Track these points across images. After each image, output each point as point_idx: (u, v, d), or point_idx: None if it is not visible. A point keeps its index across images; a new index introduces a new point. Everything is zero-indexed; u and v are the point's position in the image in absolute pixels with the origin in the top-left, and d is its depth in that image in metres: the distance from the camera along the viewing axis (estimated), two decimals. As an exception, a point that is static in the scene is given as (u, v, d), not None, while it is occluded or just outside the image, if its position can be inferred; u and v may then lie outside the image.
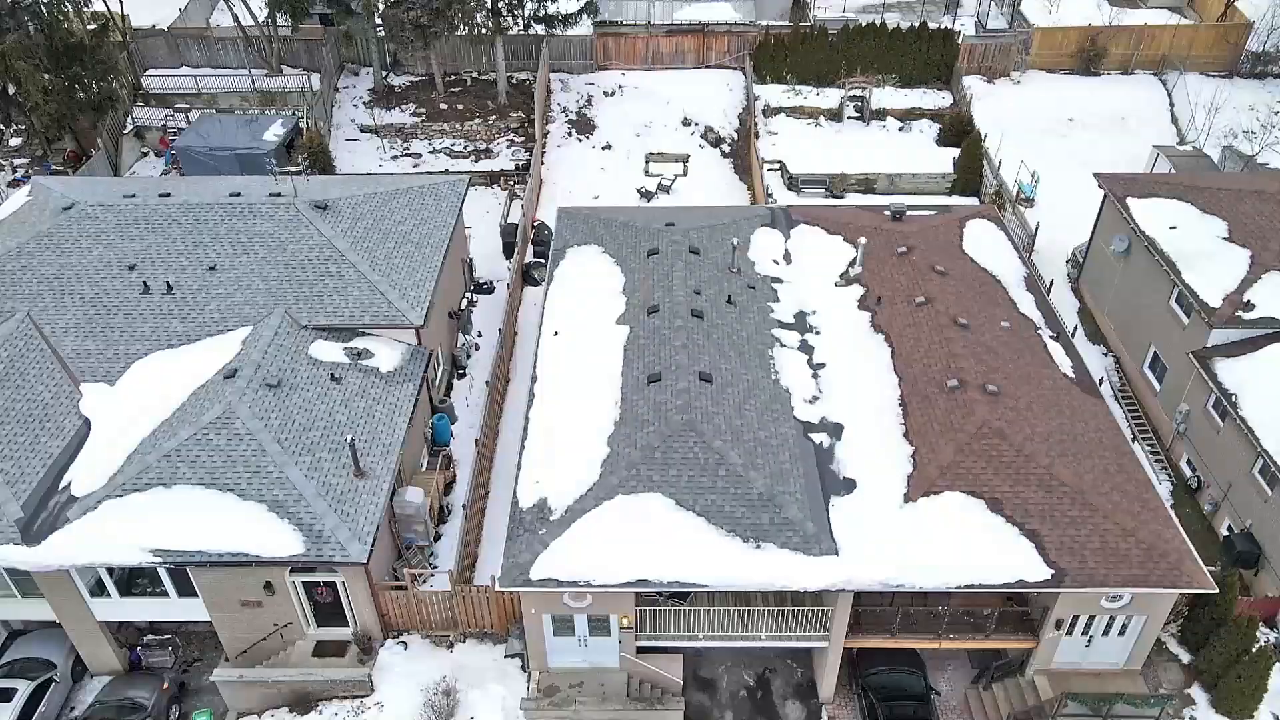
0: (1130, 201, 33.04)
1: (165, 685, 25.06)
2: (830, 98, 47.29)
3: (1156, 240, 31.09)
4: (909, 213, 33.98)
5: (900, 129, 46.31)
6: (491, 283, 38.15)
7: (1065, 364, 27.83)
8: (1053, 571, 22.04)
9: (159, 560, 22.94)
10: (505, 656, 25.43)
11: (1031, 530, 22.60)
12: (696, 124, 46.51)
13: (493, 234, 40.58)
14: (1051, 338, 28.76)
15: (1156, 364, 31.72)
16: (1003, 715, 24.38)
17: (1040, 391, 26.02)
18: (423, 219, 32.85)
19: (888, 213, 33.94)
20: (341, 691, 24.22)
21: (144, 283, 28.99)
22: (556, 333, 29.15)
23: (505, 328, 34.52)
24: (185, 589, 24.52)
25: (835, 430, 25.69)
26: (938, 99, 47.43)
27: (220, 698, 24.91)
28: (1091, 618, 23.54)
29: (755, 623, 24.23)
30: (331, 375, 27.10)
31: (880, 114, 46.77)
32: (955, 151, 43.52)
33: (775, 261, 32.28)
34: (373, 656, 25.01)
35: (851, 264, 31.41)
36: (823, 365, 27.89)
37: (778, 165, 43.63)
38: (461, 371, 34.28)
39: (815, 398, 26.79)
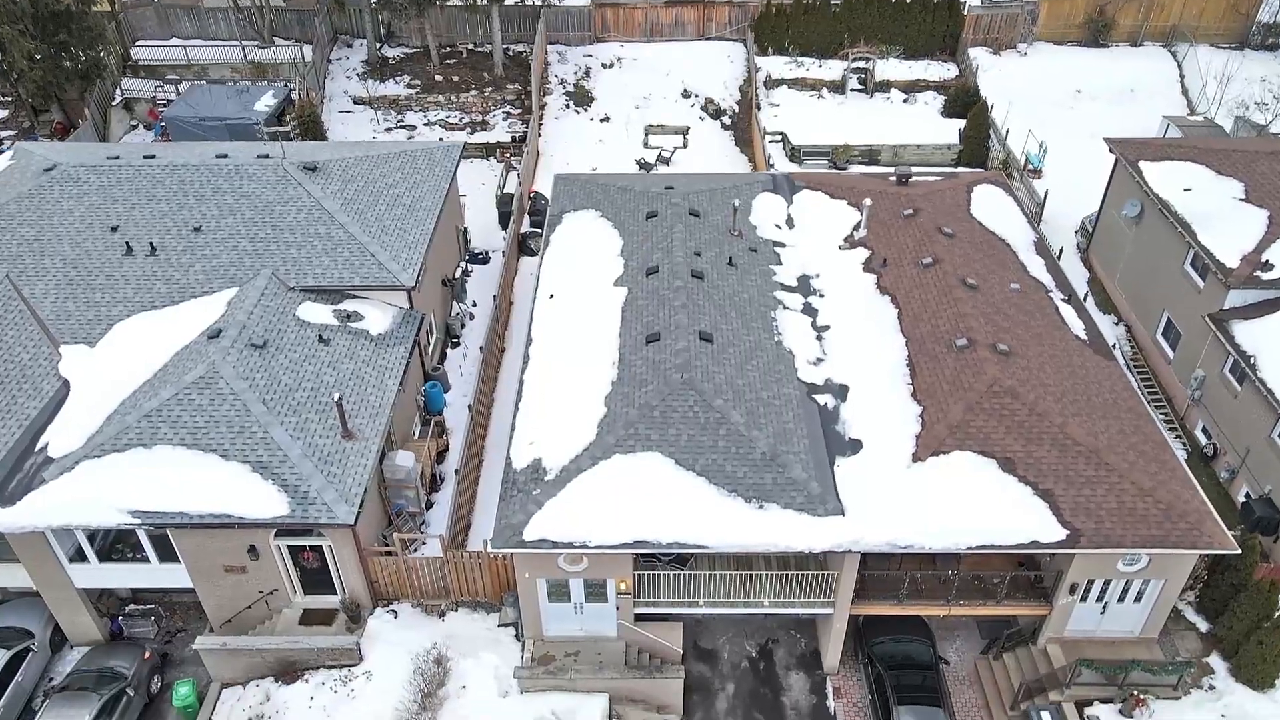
0: (1143, 165, 32.14)
1: (147, 655, 24.20)
2: (833, 69, 46.38)
3: (1171, 203, 30.19)
4: (914, 178, 33.13)
5: (904, 101, 45.41)
6: (487, 253, 37.25)
7: (1077, 326, 26.94)
8: (1068, 532, 21.16)
9: (137, 522, 22.06)
10: (499, 625, 24.55)
11: (1045, 490, 21.72)
12: (696, 96, 45.60)
13: (488, 206, 39.67)
14: (1063, 300, 27.88)
15: (1170, 331, 30.84)
16: (1014, 685, 23.51)
17: (1053, 352, 25.14)
18: (415, 183, 31.96)
19: (893, 178, 33.11)
20: (329, 660, 23.33)
21: (127, 244, 28.13)
22: (552, 295, 28.27)
23: (501, 297, 33.63)
24: (166, 554, 23.66)
25: (840, 391, 24.82)
26: (942, 71, 46.50)
27: (203, 668, 24.04)
28: (1107, 583, 22.67)
29: (758, 588, 23.34)
30: (319, 336, 26.21)
31: (884, 86, 45.86)
32: (961, 123, 42.64)
33: (777, 226, 31.42)
34: (361, 625, 24.14)
35: (856, 227, 30.55)
36: (827, 327, 27.02)
37: (779, 136, 42.70)
38: (456, 341, 33.39)
39: (819, 359, 25.91)
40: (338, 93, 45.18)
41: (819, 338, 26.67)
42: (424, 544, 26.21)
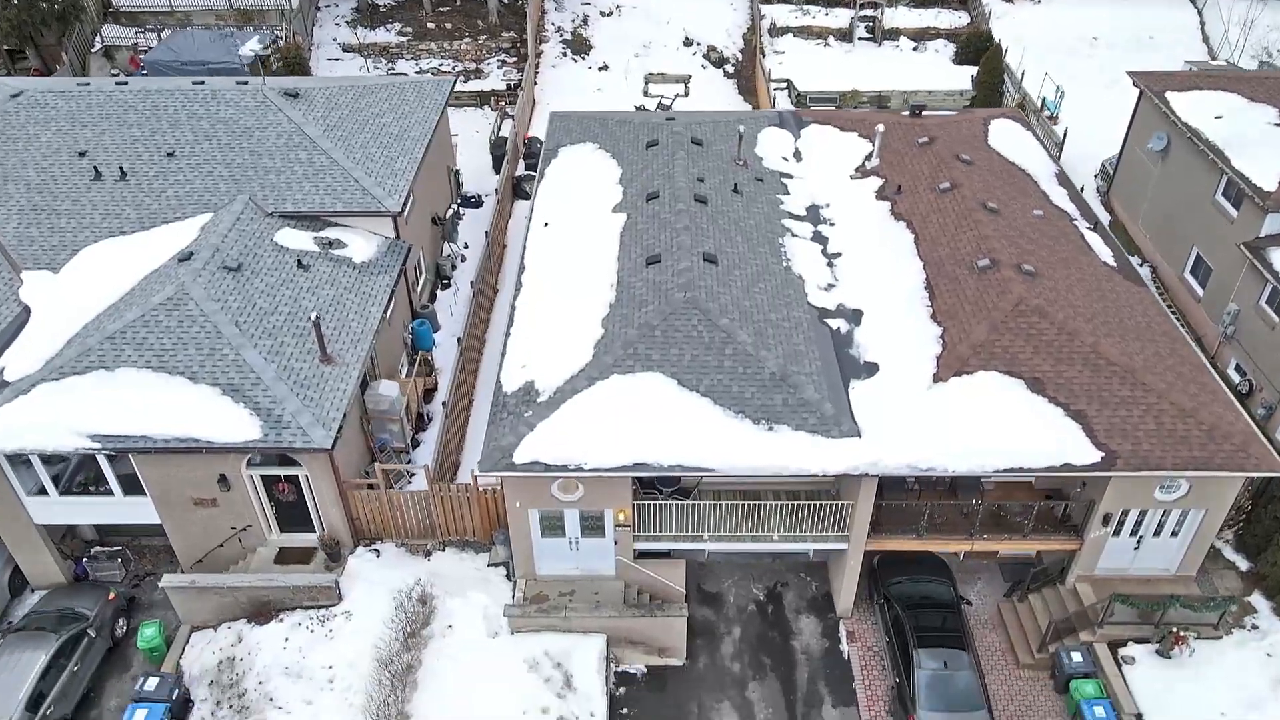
0: (1170, 95, 30.50)
1: (111, 595, 22.55)
2: (840, 17, 44.73)
3: (1201, 130, 28.55)
4: (927, 113, 31.53)
5: (915, 49, 43.78)
6: (480, 196, 35.63)
7: (1105, 254, 25.33)
8: (1102, 454, 19.55)
9: (97, 446, 20.45)
10: (489, 565, 22.94)
11: (1078, 412, 20.11)
12: (699, 44, 43.98)
13: (482, 152, 38.03)
14: (1088, 229, 26.27)
15: (1199, 267, 29.21)
16: (1040, 627, 21.89)
17: (1080, 275, 23.52)
18: (403, 114, 30.31)
19: (905, 112, 31.50)
20: (306, 599, 21.68)
21: (95, 169, 26.53)
22: (547, 224, 26.65)
23: (493, 237, 31.98)
24: (132, 487, 22.02)
25: (854, 316, 23.22)
26: (953, 18, 44.89)
27: (173, 613, 22.40)
28: (1143, 514, 21.07)
29: (767, 521, 21.71)
30: (299, 262, 24.60)
31: (893, 34, 44.23)
32: (973, 70, 41.00)
33: (784, 158, 29.82)
34: (341, 564, 22.52)
35: (868, 157, 28.93)
36: (839, 254, 25.42)
37: (785, 84, 41.02)
38: (446, 281, 31.77)
39: (831, 285, 24.31)
40: (326, 40, 43.55)
41: (830, 264, 25.08)
42: (409, 480, 24.61)
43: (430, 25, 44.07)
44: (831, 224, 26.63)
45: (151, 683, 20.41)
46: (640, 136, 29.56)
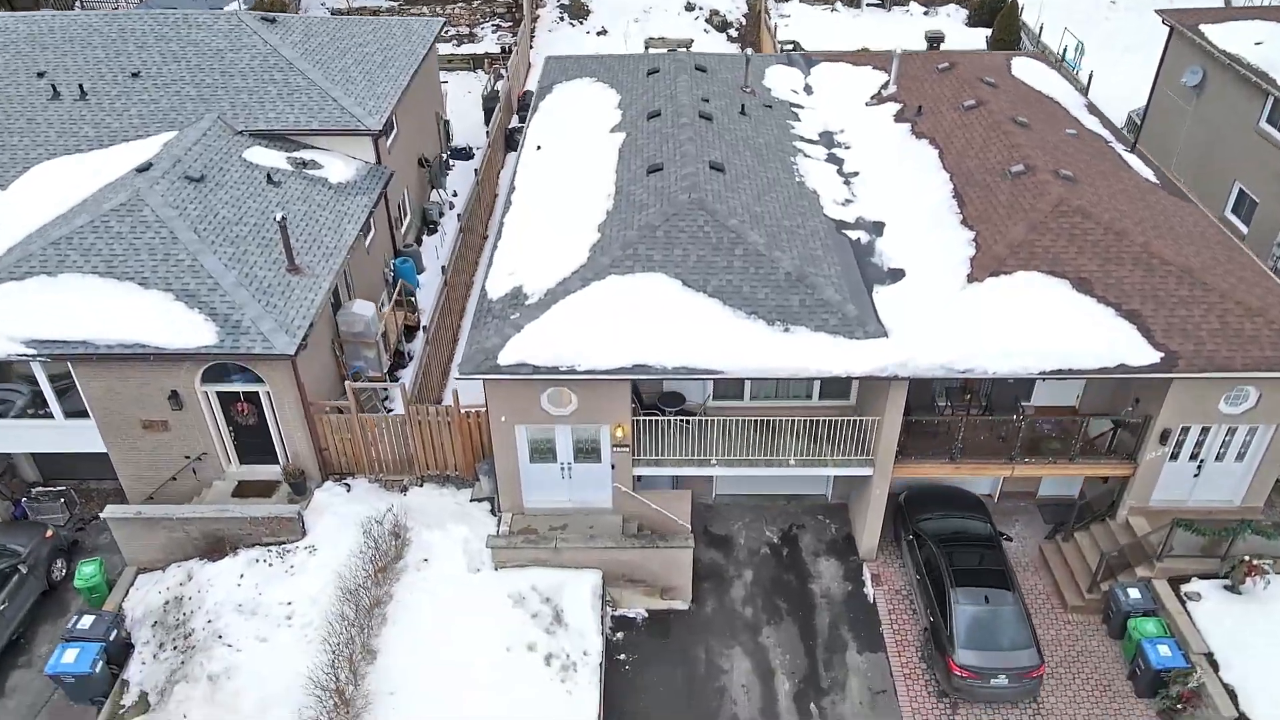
0: (1204, 27, 28.69)
1: (49, 533, 20.19)
2: (847, -16, 43.23)
3: (1242, 56, 26.68)
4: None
5: (925, 13, 42.18)
6: (470, 148, 33.74)
7: (1146, 173, 23.32)
8: (1162, 354, 17.33)
9: (32, 353, 18.26)
10: (471, 501, 20.60)
11: (1131, 311, 17.92)
12: (700, 8, 42.40)
13: (475, 109, 36.31)
14: (1126, 150, 24.28)
15: (1242, 203, 27.17)
16: (1090, 565, 19.48)
17: (1124, 186, 21.45)
18: (388, 46, 28.46)
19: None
20: (266, 534, 19.30)
21: (53, 87, 24.63)
22: (540, 147, 24.65)
23: (483, 184, 30.02)
24: (74, 408, 19.80)
25: (875, 227, 21.14)
26: (965, -15, 43.34)
27: (119, 557, 20.01)
28: (1204, 434, 18.77)
29: (782, 443, 19.41)
30: (268, 177, 22.56)
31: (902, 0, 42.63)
32: (987, 31, 39.34)
33: (794, 91, 27.89)
34: (307, 497, 20.20)
35: (884, 85, 27.01)
36: (855, 174, 23.40)
37: (792, 45, 39.33)
38: (433, 226, 29.72)
39: (849, 200, 22.25)
40: (314, 4, 41.94)
41: (847, 182, 23.04)
42: (385, 402, 22.36)
43: (424, 9, 42.51)
44: (847, 147, 24.66)
45: (86, 620, 18.00)
46: (640, 67, 27.71)
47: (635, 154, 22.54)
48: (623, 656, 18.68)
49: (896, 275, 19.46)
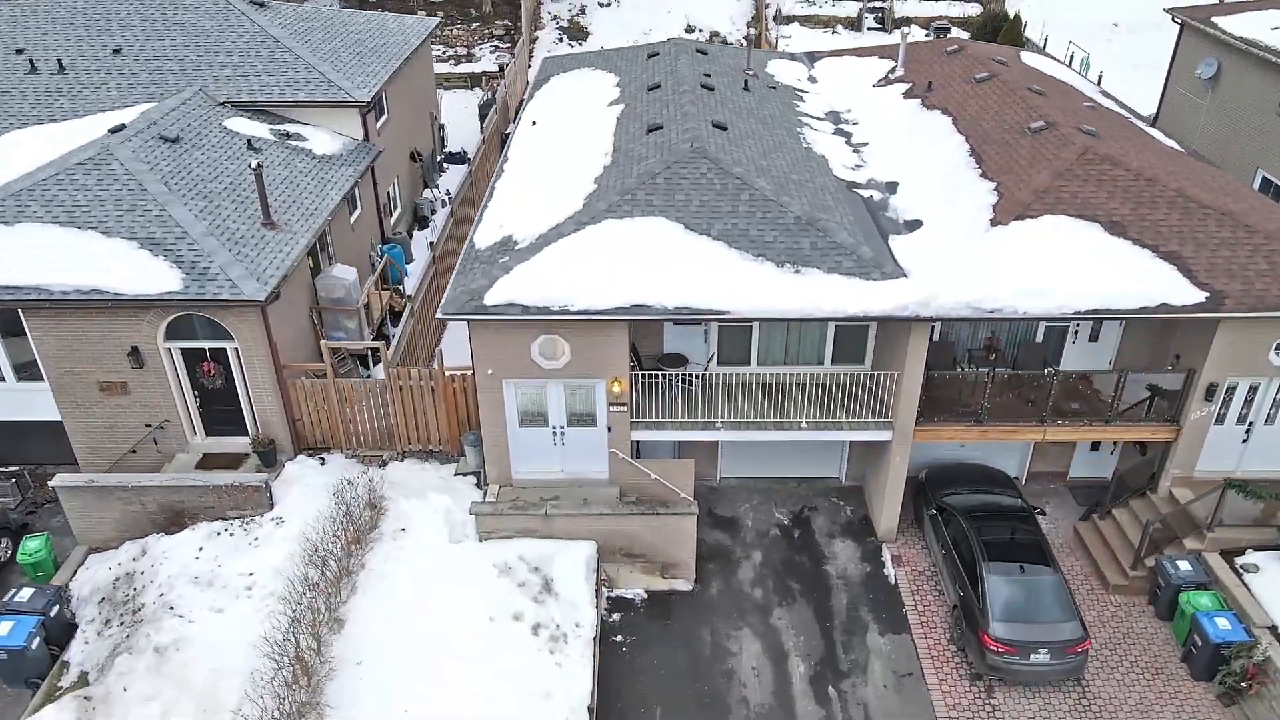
0: (1217, 19, 28.03)
1: (-5, 511, 18.53)
2: (848, 6, 43.03)
3: (1260, 39, 25.90)
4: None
5: (926, 35, 41.78)
6: (465, 152, 32.83)
7: (1169, 143, 22.25)
8: (1207, 294, 15.95)
9: (-20, 299, 16.87)
10: (456, 475, 18.95)
11: (1170, 252, 16.60)
12: (700, 31, 42.05)
13: (470, 119, 35.64)
14: (1146, 123, 23.28)
15: (1267, 189, 26.05)
16: (1131, 542, 17.76)
17: (1150, 144, 20.36)
18: (381, 36, 27.74)
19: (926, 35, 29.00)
20: (230, 506, 17.62)
21: (30, 61, 23.76)
22: (535, 123, 23.67)
23: (475, 176, 29.01)
24: (26, 370, 18.32)
25: (888, 187, 19.97)
26: (965, 7, 43.12)
27: (72, 538, 18.28)
28: (1253, 390, 17.25)
29: (792, 407, 17.86)
30: (249, 143, 21.49)
31: (903, 22, 42.35)
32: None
33: (798, 79, 27.07)
34: (277, 469, 18.56)
35: (891, 70, 26.16)
36: (865, 144, 22.35)
37: (793, 62, 38.86)
38: (424, 221, 28.57)
39: (858, 166, 21.13)
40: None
41: (856, 150, 21.97)
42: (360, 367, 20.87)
43: (421, 13, 42.23)
44: (855, 123, 23.69)
45: (25, 594, 16.25)
46: (639, 54, 26.94)
47: (634, 120, 21.51)
48: (620, 638, 16.84)
49: (913, 225, 18.20)
